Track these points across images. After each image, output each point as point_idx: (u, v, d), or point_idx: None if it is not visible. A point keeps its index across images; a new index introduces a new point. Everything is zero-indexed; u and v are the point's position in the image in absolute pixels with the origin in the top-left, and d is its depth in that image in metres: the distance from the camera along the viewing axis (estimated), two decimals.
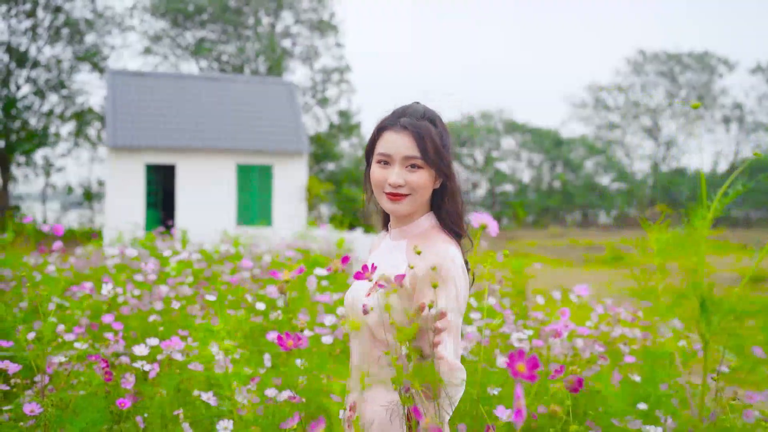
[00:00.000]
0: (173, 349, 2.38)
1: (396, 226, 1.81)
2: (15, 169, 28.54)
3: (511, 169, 42.25)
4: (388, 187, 1.72)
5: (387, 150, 1.72)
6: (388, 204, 1.74)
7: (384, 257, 1.79)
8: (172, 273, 5.47)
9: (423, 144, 1.70)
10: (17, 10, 27.29)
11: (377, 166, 1.74)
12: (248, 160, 19.73)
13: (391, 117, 1.77)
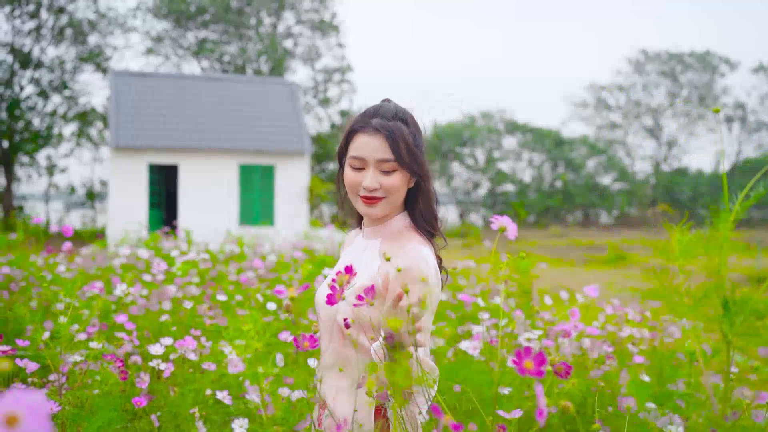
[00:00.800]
0: (187, 349, 2.41)
1: (370, 225, 1.80)
2: (18, 170, 28.58)
3: (512, 169, 42.25)
4: (363, 191, 1.70)
5: (360, 153, 1.69)
6: (363, 207, 1.73)
7: (357, 256, 1.78)
8: (178, 273, 5.50)
9: (396, 146, 1.67)
10: (21, 11, 27.33)
11: (350, 169, 1.71)
12: (250, 160, 19.77)
13: (363, 118, 1.73)
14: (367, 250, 1.77)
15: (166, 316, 3.49)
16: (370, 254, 1.75)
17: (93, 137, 30.38)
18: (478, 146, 41.29)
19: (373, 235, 1.78)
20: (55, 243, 15.91)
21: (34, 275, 5.21)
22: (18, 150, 27.84)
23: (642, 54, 44.25)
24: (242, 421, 2.21)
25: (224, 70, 32.32)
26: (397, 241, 1.73)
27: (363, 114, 1.74)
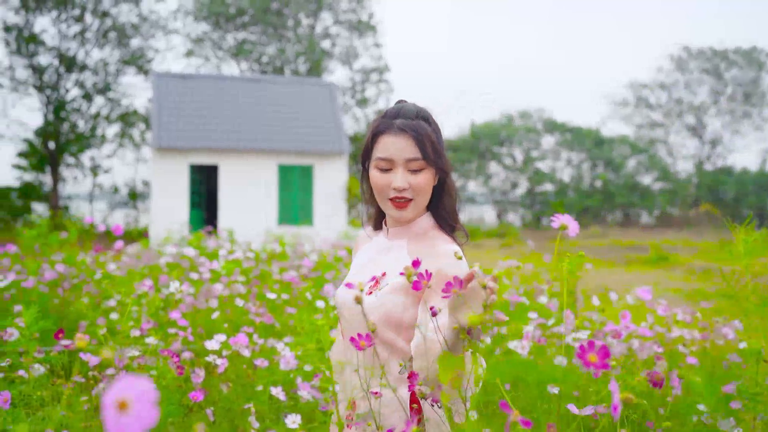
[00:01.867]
0: (241, 345, 2.46)
1: (394, 226, 1.79)
2: (64, 170, 29.28)
3: (550, 168, 41.82)
4: (392, 192, 1.69)
5: (387, 154, 1.69)
6: (394, 211, 1.72)
7: (380, 256, 1.78)
8: (222, 272, 5.59)
9: (422, 144, 1.68)
10: (66, 15, 28.01)
11: (377, 171, 1.71)
12: (289, 160, 19.93)
13: (385, 120, 1.73)
14: (393, 250, 1.77)
15: (217, 313, 3.55)
16: (396, 254, 1.75)
17: (135, 138, 30.98)
18: (516, 146, 40.97)
19: (399, 236, 1.78)
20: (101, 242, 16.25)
21: (85, 273, 5.35)
22: (64, 151, 28.54)
23: (684, 51, 43.42)
24: (295, 417, 2.25)
25: (263, 71, 32.65)
26: (425, 240, 1.74)
27: (384, 116, 1.74)
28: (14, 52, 27.68)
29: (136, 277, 5.00)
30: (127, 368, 2.67)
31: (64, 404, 2.31)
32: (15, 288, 4.73)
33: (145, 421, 0.60)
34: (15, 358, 2.35)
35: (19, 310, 3.31)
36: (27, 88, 28.29)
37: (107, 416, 0.60)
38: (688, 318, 3.29)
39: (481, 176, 40.41)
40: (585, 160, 41.65)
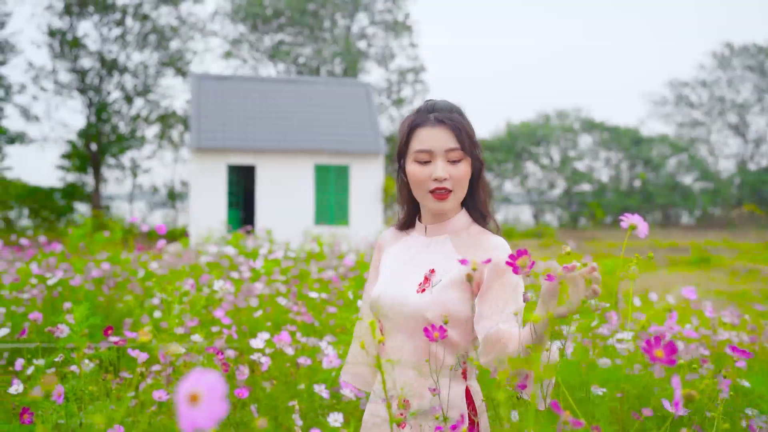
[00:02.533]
0: (284, 343, 2.49)
1: (432, 222, 1.79)
2: (105, 171, 29.86)
3: (588, 168, 41.32)
4: (433, 184, 1.69)
5: (426, 146, 1.70)
6: (433, 203, 1.71)
7: (423, 254, 1.76)
8: (262, 271, 5.66)
9: (461, 135, 1.70)
10: (108, 19, 28.58)
11: (416, 164, 1.71)
12: (326, 160, 20.04)
13: (420, 114, 1.74)
14: (435, 246, 1.76)
15: (260, 312, 3.60)
16: (440, 250, 1.74)
17: (174, 139, 31.46)
18: (553, 145, 40.57)
19: (438, 232, 1.78)
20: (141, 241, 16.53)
21: (128, 272, 5.46)
22: (105, 152, 29.13)
23: (727, 48, 42.51)
24: (337, 415, 2.27)
25: (299, 72, 32.90)
26: (467, 235, 1.76)
27: (418, 111, 1.75)
28: (58, 56, 28.33)
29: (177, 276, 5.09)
30: (172, 365, 2.71)
31: (113, 399, 2.36)
32: (62, 286, 4.85)
33: (214, 414, 0.62)
34: (66, 354, 2.41)
35: (68, 307, 3.40)
36: (70, 91, 28.96)
37: (180, 409, 0.62)
38: (735, 320, 3.23)
39: (517, 176, 40.11)
40: (623, 160, 41.07)
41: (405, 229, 1.88)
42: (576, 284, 1.34)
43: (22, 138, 27.05)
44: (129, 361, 3.15)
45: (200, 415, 0.61)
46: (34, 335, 2.80)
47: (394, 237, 1.89)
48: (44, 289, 4.66)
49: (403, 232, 1.88)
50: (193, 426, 0.61)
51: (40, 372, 2.41)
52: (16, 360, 3.68)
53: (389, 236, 1.91)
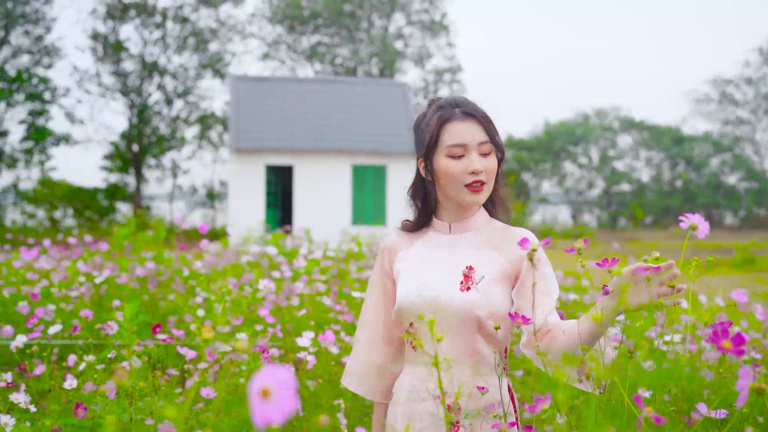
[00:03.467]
0: (329, 342, 2.50)
1: (456, 219, 1.78)
2: (146, 171, 30.40)
3: (628, 167, 40.69)
4: (469, 177, 1.67)
5: (460, 140, 1.68)
6: (470, 197, 1.69)
7: (453, 253, 1.74)
8: (301, 270, 5.70)
9: (489, 128, 1.71)
10: (149, 22, 29.10)
11: (449, 159, 1.69)
12: (363, 160, 20.11)
13: (447, 109, 1.72)
14: (462, 243, 1.75)
15: (304, 311, 3.63)
16: (469, 246, 1.74)
17: (213, 140, 31.86)
18: (591, 144, 40.05)
19: (462, 229, 1.77)
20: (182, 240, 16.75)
21: (171, 270, 5.55)
22: (146, 153, 29.66)
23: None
24: None
25: (336, 72, 33.06)
26: (494, 229, 1.77)
27: (444, 107, 1.73)
28: (101, 59, 28.94)
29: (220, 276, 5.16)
30: (217, 362, 2.76)
31: (161, 395, 2.40)
32: (107, 284, 4.95)
33: (286, 408, 0.63)
34: (117, 350, 2.47)
35: (117, 305, 3.47)
36: (113, 94, 29.55)
37: (252, 403, 0.63)
38: None
39: (555, 176, 39.70)
40: (665, 159, 40.34)
41: (418, 229, 1.84)
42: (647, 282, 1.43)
43: (67, 139, 27.68)
44: (174, 359, 3.21)
45: (271, 409, 0.63)
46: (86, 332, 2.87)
47: (406, 239, 1.84)
48: (91, 287, 4.76)
49: (414, 234, 1.84)
50: (264, 420, 0.63)
51: (91, 368, 2.46)
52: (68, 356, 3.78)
53: (398, 239, 1.86)
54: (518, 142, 38.50)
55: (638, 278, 1.46)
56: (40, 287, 4.72)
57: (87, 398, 2.31)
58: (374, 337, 1.85)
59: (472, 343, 1.66)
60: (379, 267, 1.88)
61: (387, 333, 1.84)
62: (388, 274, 1.84)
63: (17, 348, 2.53)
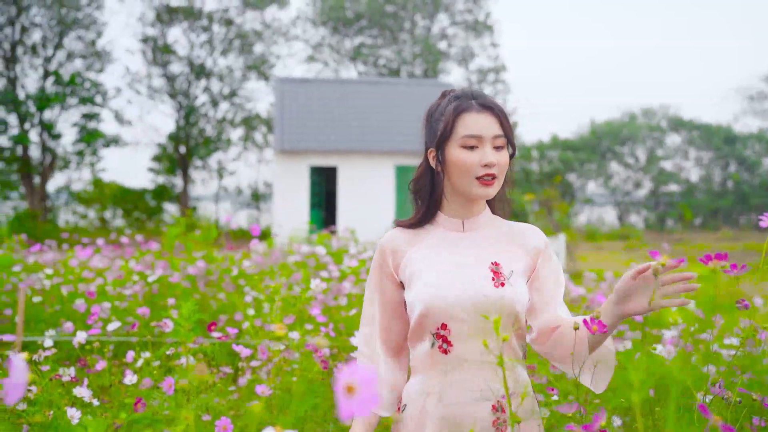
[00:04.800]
0: None
1: (462, 215, 1.74)
2: (193, 172, 30.95)
3: (676, 167, 39.85)
4: (481, 170, 1.64)
5: (475, 131, 1.64)
6: (480, 189, 1.65)
7: (465, 249, 1.70)
8: (348, 270, 5.73)
9: (504, 122, 1.68)
10: (196, 25, 29.65)
11: (462, 150, 1.65)
12: (406, 161, 20.12)
13: (463, 100, 1.68)
14: (477, 240, 1.72)
15: (356, 310, 3.65)
16: (484, 242, 1.71)
17: (258, 141, 32.26)
18: (638, 144, 39.34)
19: (474, 226, 1.74)
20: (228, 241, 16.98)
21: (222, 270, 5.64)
22: (193, 154, 30.21)
23: None
24: None
25: (380, 73, 33.16)
26: (503, 225, 1.77)
27: (459, 98, 1.69)
28: (151, 62, 29.58)
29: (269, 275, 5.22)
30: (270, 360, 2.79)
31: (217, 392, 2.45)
32: (159, 282, 5.06)
33: (369, 404, 0.64)
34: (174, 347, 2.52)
35: (172, 303, 3.54)
36: (161, 96, 30.17)
37: (339, 398, 0.65)
38: None
39: (601, 176, 39.11)
40: (715, 159, 39.39)
41: (420, 225, 1.76)
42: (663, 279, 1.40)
43: (116, 141, 28.36)
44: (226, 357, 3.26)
45: (355, 404, 0.64)
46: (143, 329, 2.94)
47: (408, 238, 1.75)
48: (144, 285, 4.87)
49: (416, 231, 1.76)
50: (349, 414, 0.64)
51: (149, 365, 2.52)
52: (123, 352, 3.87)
53: (399, 239, 1.76)
54: (563, 142, 38.06)
55: (640, 283, 1.44)
56: (96, 285, 4.84)
57: (146, 394, 2.36)
58: (379, 349, 1.77)
59: (498, 341, 1.62)
60: (377, 270, 1.77)
61: (390, 343, 1.77)
62: (390, 276, 1.75)
63: (79, 344, 2.60)
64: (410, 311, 1.69)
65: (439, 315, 1.62)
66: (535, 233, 1.76)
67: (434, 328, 1.63)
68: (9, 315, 4.48)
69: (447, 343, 1.62)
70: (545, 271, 1.71)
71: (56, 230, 21.11)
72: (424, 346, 1.65)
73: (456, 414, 1.60)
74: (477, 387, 1.60)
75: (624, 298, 1.45)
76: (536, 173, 36.30)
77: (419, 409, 1.64)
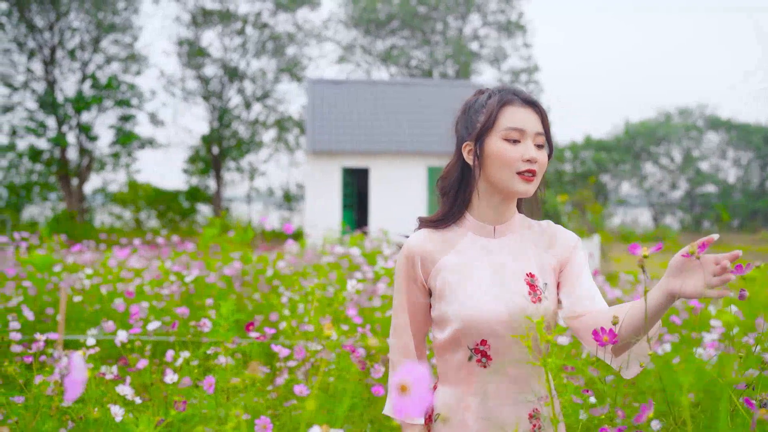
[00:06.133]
0: None
1: (493, 217, 1.67)
2: (225, 174, 31.26)
3: (714, 168, 39.14)
4: (523, 165, 1.58)
5: (520, 124, 1.59)
6: (521, 185, 1.59)
7: (499, 258, 1.64)
8: (381, 272, 5.74)
9: (545, 120, 1.64)
10: (229, 29, 29.99)
11: (505, 143, 1.59)
12: (438, 162, 20.08)
13: (507, 93, 1.63)
14: (509, 247, 1.66)
15: (389, 312, 3.66)
16: (517, 250, 1.66)
17: (290, 143, 32.48)
18: (674, 145, 38.73)
19: (504, 232, 1.67)
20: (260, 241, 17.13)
21: (256, 270, 5.69)
22: (226, 156, 30.53)
23: None
24: None
25: (411, 74, 33.16)
26: (535, 230, 1.71)
27: (502, 91, 1.64)
28: (185, 65, 29.98)
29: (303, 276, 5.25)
30: (307, 361, 2.81)
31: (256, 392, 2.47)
32: (195, 283, 5.12)
33: (422, 403, 0.65)
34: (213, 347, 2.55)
35: (210, 303, 3.59)
36: (195, 98, 30.55)
37: (392, 397, 0.65)
38: None
39: (635, 177, 38.59)
40: (754, 160, 38.59)
41: (447, 224, 1.69)
42: (708, 267, 1.32)
43: (151, 143, 28.79)
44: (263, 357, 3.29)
45: (409, 403, 0.65)
46: (183, 329, 2.98)
47: (436, 243, 1.68)
48: (181, 285, 4.94)
49: (445, 235, 1.69)
50: (403, 412, 0.65)
51: (188, 364, 2.55)
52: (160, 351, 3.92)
53: (427, 244, 1.68)
54: (597, 143, 37.64)
55: (695, 263, 1.35)
56: (134, 285, 4.92)
57: (186, 392, 2.40)
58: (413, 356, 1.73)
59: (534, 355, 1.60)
60: (404, 277, 1.69)
61: (419, 347, 1.74)
62: (418, 282, 1.68)
63: (121, 343, 2.65)
64: (441, 322, 1.64)
65: (479, 333, 1.58)
66: (565, 237, 1.71)
67: (473, 344, 1.59)
68: (51, 314, 4.57)
69: (486, 357, 1.59)
70: (575, 261, 1.67)
71: (93, 231, 21.51)
72: (459, 358, 1.62)
73: (496, 418, 1.59)
74: (515, 397, 1.60)
75: (676, 273, 1.37)
76: (570, 174, 35.97)
77: (458, 423, 1.62)
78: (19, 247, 6.98)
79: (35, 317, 4.36)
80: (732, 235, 31.98)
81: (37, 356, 2.52)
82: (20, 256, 6.23)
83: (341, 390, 2.28)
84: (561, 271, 1.67)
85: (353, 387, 2.30)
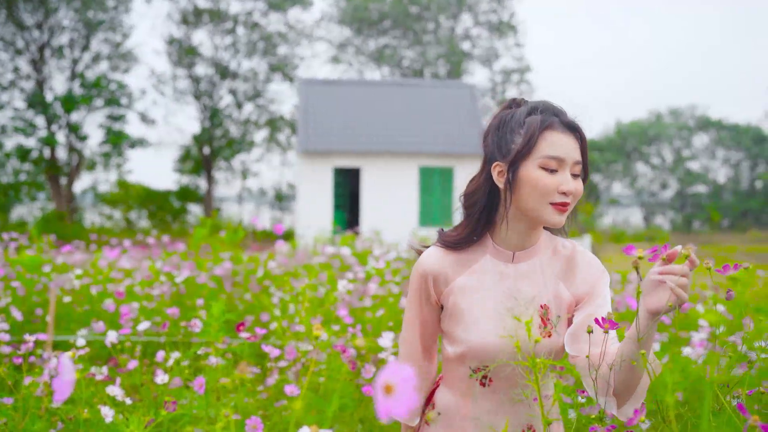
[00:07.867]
0: None
1: (516, 243, 1.59)
2: (217, 174, 31.18)
3: (704, 168, 39.35)
4: (558, 197, 1.48)
5: (559, 153, 1.49)
6: (554, 216, 1.49)
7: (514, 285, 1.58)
8: (372, 272, 5.75)
9: (585, 148, 1.54)
10: (220, 28, 29.91)
11: (541, 171, 1.48)
12: (430, 162, 20.10)
13: (548, 115, 1.52)
14: (527, 274, 1.59)
15: (382, 311, 3.67)
16: (535, 279, 1.59)
17: (281, 142, 32.43)
18: (665, 144, 38.92)
19: (524, 258, 1.60)
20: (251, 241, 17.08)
21: (247, 271, 5.68)
22: (217, 156, 30.45)
23: None
24: None
25: (403, 74, 33.18)
26: (559, 257, 1.62)
27: (542, 111, 1.53)
28: (176, 64, 29.88)
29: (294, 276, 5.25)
30: (297, 361, 2.81)
31: (246, 392, 2.47)
32: (186, 283, 5.12)
33: (407, 404, 0.65)
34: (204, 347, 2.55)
35: (200, 304, 3.58)
36: (186, 97, 30.47)
37: (377, 397, 0.66)
38: None
39: (626, 177, 38.75)
40: (744, 160, 38.82)
41: (467, 244, 1.61)
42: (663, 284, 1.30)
43: (141, 142, 28.67)
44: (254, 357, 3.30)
45: (394, 404, 0.65)
46: (174, 329, 2.98)
47: (451, 262, 1.61)
48: (171, 285, 4.93)
49: (459, 254, 1.62)
50: (387, 413, 0.65)
51: (178, 364, 2.55)
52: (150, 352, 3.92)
53: (441, 262, 1.62)
54: (588, 143, 37.72)
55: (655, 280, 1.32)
56: (124, 286, 4.91)
57: (176, 393, 2.40)
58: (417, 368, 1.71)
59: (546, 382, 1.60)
60: (417, 296, 1.64)
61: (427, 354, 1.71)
62: (431, 300, 1.63)
63: (111, 343, 2.64)
64: (449, 339, 1.62)
65: (483, 358, 1.55)
66: (588, 272, 1.60)
67: (475, 366, 1.57)
68: (40, 315, 4.55)
69: (488, 379, 1.58)
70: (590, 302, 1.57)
71: (83, 231, 21.40)
72: (462, 372, 1.61)
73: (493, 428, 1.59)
74: (512, 414, 1.59)
75: (646, 291, 1.33)
76: None
77: (457, 427, 1.61)
78: (8, 247, 6.95)
79: (24, 318, 4.34)
80: (722, 235, 32.13)
81: (26, 357, 2.51)
82: (9, 257, 6.20)
83: (331, 390, 2.29)
84: (576, 306, 1.59)
85: (344, 387, 2.31)
